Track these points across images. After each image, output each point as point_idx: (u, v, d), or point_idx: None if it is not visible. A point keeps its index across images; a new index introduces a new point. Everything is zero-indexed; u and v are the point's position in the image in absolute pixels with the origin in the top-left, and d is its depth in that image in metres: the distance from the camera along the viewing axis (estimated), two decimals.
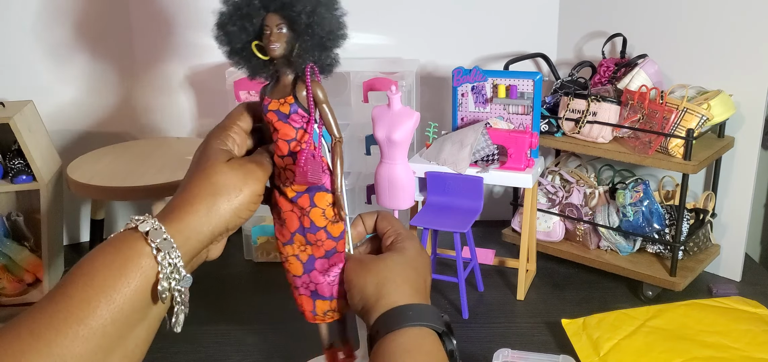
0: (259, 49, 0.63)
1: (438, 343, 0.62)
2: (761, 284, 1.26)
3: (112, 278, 0.53)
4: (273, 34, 0.62)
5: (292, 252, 0.71)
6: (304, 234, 0.69)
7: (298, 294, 0.73)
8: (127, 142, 1.47)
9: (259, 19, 0.62)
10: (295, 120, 0.65)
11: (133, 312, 0.54)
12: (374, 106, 1.16)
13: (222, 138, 0.64)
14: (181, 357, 1.07)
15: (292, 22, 0.62)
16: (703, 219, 1.24)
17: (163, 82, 1.49)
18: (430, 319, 0.62)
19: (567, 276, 1.31)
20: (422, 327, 0.61)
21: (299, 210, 0.68)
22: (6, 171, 1.27)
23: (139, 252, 0.54)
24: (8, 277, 1.28)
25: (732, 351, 1.00)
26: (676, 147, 1.15)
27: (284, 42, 0.62)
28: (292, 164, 0.66)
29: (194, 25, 1.44)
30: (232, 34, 0.63)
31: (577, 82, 1.32)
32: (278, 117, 0.65)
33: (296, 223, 0.69)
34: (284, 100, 0.64)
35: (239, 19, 0.62)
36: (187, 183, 0.60)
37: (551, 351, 1.04)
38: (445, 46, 1.48)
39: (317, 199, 0.67)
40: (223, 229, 0.60)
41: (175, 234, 0.56)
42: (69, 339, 0.50)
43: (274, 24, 0.62)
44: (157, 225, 0.55)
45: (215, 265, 1.40)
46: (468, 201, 1.17)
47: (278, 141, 0.66)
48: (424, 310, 0.63)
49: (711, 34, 1.23)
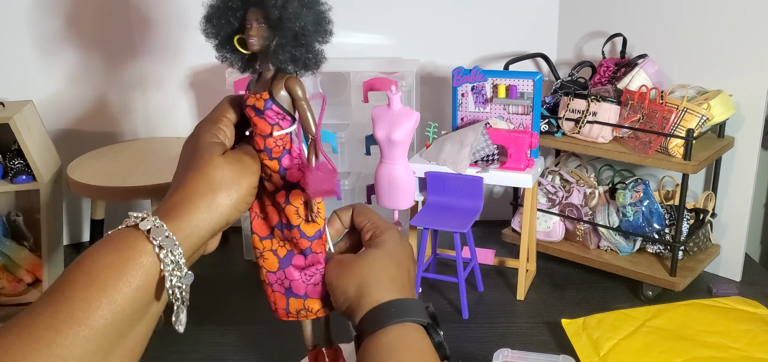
0: (240, 43, 0.64)
1: (424, 337, 0.61)
2: (761, 284, 1.26)
3: (114, 278, 0.52)
4: (253, 28, 0.62)
5: (270, 247, 0.70)
6: (282, 230, 0.69)
7: (272, 291, 0.72)
8: (127, 142, 1.47)
9: (242, 13, 0.62)
10: (270, 116, 0.64)
11: (134, 312, 0.53)
12: (374, 106, 1.16)
13: (213, 131, 0.63)
14: (180, 357, 1.07)
15: (270, 17, 0.62)
16: (703, 219, 1.24)
17: (163, 81, 1.49)
18: (414, 313, 0.62)
19: (567, 276, 1.31)
20: (406, 323, 0.61)
21: (276, 205, 0.68)
22: (6, 171, 1.27)
23: (141, 251, 0.53)
24: (8, 277, 1.28)
25: (732, 351, 1.00)
26: (676, 147, 1.15)
27: (261, 37, 0.62)
28: (268, 160, 0.66)
29: (194, 25, 1.42)
30: (217, 28, 0.64)
31: (577, 82, 1.32)
32: (254, 112, 0.65)
33: (276, 218, 0.69)
34: (260, 96, 0.64)
35: (224, 13, 0.63)
36: (184, 179, 0.59)
37: (551, 351, 1.04)
38: (445, 46, 1.48)
39: (292, 197, 0.67)
40: (223, 224, 0.60)
41: (176, 231, 0.55)
42: (69, 340, 0.50)
43: (253, 18, 0.62)
44: (159, 223, 0.55)
45: (215, 265, 1.41)
46: (468, 201, 1.17)
47: (256, 136, 0.66)
48: (407, 305, 0.62)
49: (711, 34, 1.23)
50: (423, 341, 0.61)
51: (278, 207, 0.68)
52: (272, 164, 0.66)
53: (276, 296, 0.73)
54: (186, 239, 0.56)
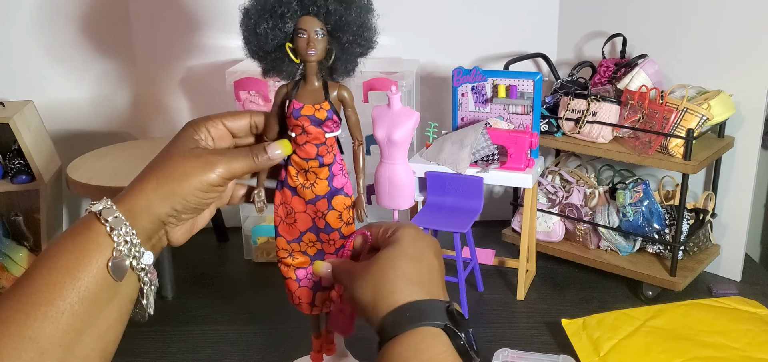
0: (292, 52, 0.63)
1: (442, 343, 0.56)
2: (761, 284, 1.26)
3: (75, 258, 0.54)
4: (311, 39, 0.61)
5: (299, 248, 0.72)
6: (316, 234, 0.70)
7: (299, 286, 0.73)
8: (127, 142, 1.47)
9: (294, 21, 0.61)
10: (329, 125, 0.65)
11: (100, 291, 0.55)
12: (374, 106, 1.15)
13: (195, 126, 0.64)
14: (180, 357, 1.07)
15: (334, 29, 0.61)
16: (703, 219, 1.24)
17: (163, 82, 1.49)
18: (430, 317, 0.57)
19: (567, 276, 1.31)
20: (422, 328, 0.57)
21: (314, 212, 0.69)
22: (6, 171, 1.27)
23: (97, 232, 0.56)
24: (8, 277, 1.28)
25: (732, 351, 1.00)
26: (676, 147, 1.15)
27: (323, 48, 0.62)
28: (317, 167, 0.66)
29: (194, 25, 1.44)
30: (263, 35, 0.61)
31: (577, 82, 1.32)
32: (312, 121, 0.64)
33: (308, 223, 0.70)
34: (320, 106, 0.64)
35: (272, 19, 0.61)
36: (147, 166, 0.61)
37: (551, 351, 1.04)
38: (445, 46, 1.48)
39: (335, 203, 0.68)
40: (169, 211, 0.60)
41: (125, 212, 0.57)
42: (38, 321, 0.52)
43: (312, 28, 0.61)
44: (109, 205, 0.57)
45: (215, 265, 1.41)
46: (468, 202, 1.17)
47: (306, 144, 0.65)
48: (422, 308, 0.58)
49: (711, 34, 1.23)
50: (441, 349, 0.56)
51: (316, 213, 0.69)
52: (322, 172, 0.67)
53: (302, 292, 0.74)
54: (135, 220, 0.58)
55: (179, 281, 1.28)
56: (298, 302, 0.74)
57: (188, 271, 1.35)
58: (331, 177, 0.67)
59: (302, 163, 0.67)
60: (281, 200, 0.70)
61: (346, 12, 0.61)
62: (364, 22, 0.62)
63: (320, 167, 0.67)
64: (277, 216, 0.71)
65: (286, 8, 0.60)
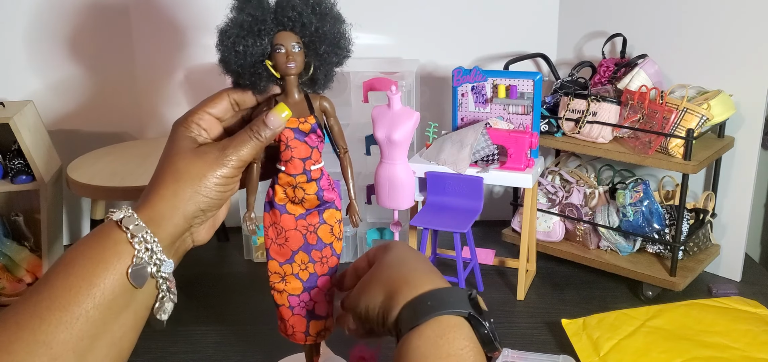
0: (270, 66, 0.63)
1: (464, 333, 0.54)
2: (761, 284, 1.26)
3: (92, 265, 0.54)
4: (289, 53, 0.61)
5: (291, 271, 0.70)
6: (308, 252, 0.69)
7: (292, 314, 0.72)
8: (127, 142, 1.47)
9: (271, 37, 0.61)
10: (312, 139, 0.65)
11: (116, 298, 0.55)
12: (374, 106, 1.15)
13: (186, 125, 0.64)
14: (180, 357, 1.07)
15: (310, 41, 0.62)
16: (703, 219, 1.24)
17: (163, 82, 1.49)
18: (452, 304, 0.55)
19: (567, 276, 1.31)
20: (443, 317, 0.54)
21: (305, 228, 0.68)
22: (6, 171, 1.27)
23: (116, 239, 0.56)
24: (8, 277, 1.28)
25: (732, 351, 1.00)
26: (676, 147, 1.15)
27: (302, 60, 0.62)
28: (305, 182, 0.66)
29: (194, 25, 1.44)
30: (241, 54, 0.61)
31: (577, 82, 1.32)
32: (295, 135, 0.64)
33: (300, 241, 0.69)
34: (304, 119, 0.64)
35: (249, 37, 0.61)
36: (155, 173, 0.62)
37: (551, 351, 1.04)
38: (445, 46, 1.48)
39: (327, 216, 0.68)
40: (195, 211, 0.60)
41: (147, 220, 0.57)
42: (53, 326, 0.52)
43: (288, 43, 0.61)
44: (130, 213, 0.57)
45: (215, 265, 1.41)
46: (468, 201, 1.17)
47: (292, 159, 0.65)
48: (443, 296, 0.56)
49: (711, 34, 1.23)
50: (463, 339, 0.54)
51: (307, 228, 0.68)
52: (310, 187, 0.66)
53: (295, 320, 0.73)
54: (158, 227, 0.58)
55: (179, 281, 1.28)
56: (291, 331, 0.73)
57: (188, 271, 1.35)
58: (319, 191, 0.67)
59: (290, 179, 0.66)
60: (271, 221, 0.69)
61: (321, 23, 0.62)
62: (338, 30, 0.63)
63: (308, 182, 0.66)
64: (267, 239, 0.70)
65: (262, 26, 0.61)
